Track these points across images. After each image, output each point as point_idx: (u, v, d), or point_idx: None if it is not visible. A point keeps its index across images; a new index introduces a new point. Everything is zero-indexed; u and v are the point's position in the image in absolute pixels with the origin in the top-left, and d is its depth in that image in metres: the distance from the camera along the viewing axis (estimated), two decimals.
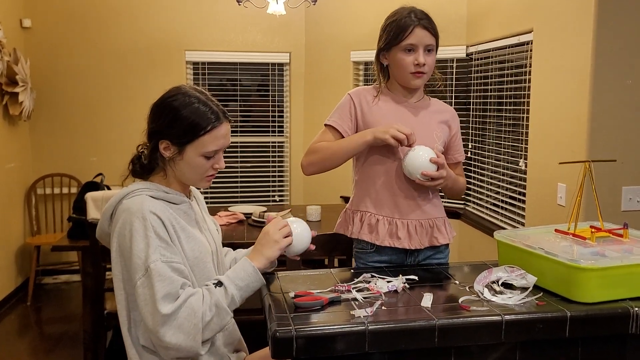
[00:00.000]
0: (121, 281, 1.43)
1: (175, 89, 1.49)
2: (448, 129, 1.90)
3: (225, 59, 4.62)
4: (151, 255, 1.35)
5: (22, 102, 3.99)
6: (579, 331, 1.35)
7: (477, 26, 3.58)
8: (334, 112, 1.87)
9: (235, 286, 1.41)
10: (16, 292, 4.15)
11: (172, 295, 1.34)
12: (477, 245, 3.60)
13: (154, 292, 1.33)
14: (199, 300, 1.36)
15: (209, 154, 1.46)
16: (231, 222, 3.23)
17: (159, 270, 1.34)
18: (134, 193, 1.44)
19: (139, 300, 1.36)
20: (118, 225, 1.40)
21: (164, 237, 1.38)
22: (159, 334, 1.33)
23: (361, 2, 4.18)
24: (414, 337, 1.29)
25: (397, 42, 1.78)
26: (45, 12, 4.33)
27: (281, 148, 4.84)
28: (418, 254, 1.86)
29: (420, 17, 1.78)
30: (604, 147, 2.38)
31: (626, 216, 2.33)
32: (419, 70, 1.79)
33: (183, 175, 1.49)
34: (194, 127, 1.43)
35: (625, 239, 1.58)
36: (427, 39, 1.78)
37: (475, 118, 3.71)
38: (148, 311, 1.34)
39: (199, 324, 1.34)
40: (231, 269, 1.46)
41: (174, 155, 1.46)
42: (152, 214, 1.38)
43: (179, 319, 1.33)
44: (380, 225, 1.81)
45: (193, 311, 1.34)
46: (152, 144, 1.47)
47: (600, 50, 2.34)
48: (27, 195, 4.37)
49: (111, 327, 2.87)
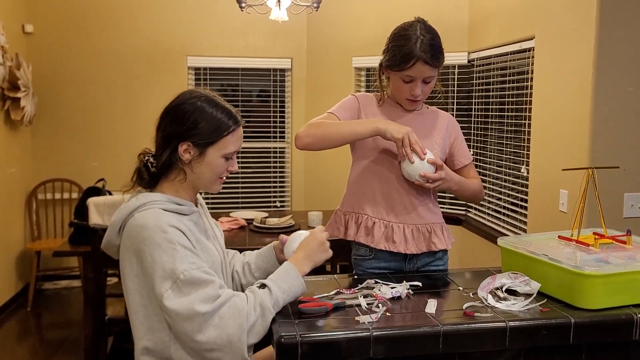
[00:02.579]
0: (139, 297, 1.38)
1: (190, 92, 1.49)
2: (448, 136, 1.90)
3: (227, 65, 4.63)
4: (179, 267, 1.31)
5: (24, 107, 3.99)
6: (582, 337, 1.35)
7: (479, 33, 3.59)
8: (338, 105, 1.87)
9: (280, 288, 1.38)
10: (16, 297, 4.14)
11: (212, 296, 1.31)
12: (478, 252, 3.60)
13: (191, 299, 1.29)
14: (243, 300, 1.33)
15: (229, 154, 1.47)
16: (233, 228, 3.23)
17: (193, 278, 1.31)
18: (145, 206, 1.40)
19: (171, 314, 1.30)
20: (134, 241, 1.37)
21: (189, 246, 1.36)
22: (198, 337, 1.27)
23: (363, 8, 4.20)
24: (419, 344, 1.29)
25: (397, 69, 1.76)
26: (48, 17, 4.34)
27: (282, 154, 4.84)
28: (417, 261, 1.85)
29: (426, 49, 1.71)
30: (606, 154, 2.38)
31: (628, 223, 2.33)
32: (412, 100, 1.81)
33: (201, 178, 1.48)
34: (218, 128, 1.44)
35: (629, 245, 1.58)
36: (427, 72, 1.75)
37: (477, 124, 3.72)
38: (182, 319, 1.29)
39: (244, 324, 1.30)
40: (274, 273, 1.43)
41: (194, 157, 1.45)
42: (171, 227, 1.36)
43: (221, 317, 1.29)
44: (376, 228, 1.81)
45: (237, 310, 1.30)
46: (170, 147, 1.45)
47: (601, 56, 2.34)
48: (28, 200, 4.37)
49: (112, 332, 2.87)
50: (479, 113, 3.69)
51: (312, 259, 1.49)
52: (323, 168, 4.50)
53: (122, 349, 3.19)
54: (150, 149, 1.52)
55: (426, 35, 1.74)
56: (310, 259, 1.49)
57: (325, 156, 3.40)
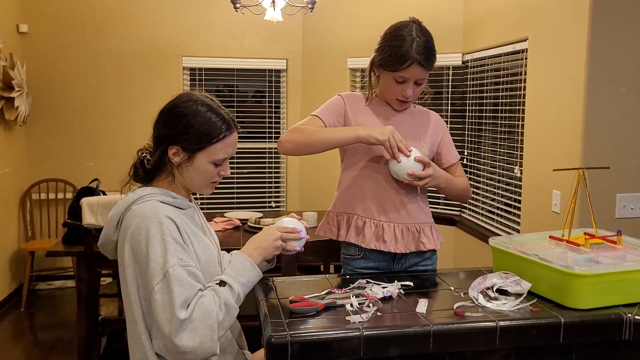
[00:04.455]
0: (136, 288, 1.40)
1: (186, 95, 1.50)
2: (435, 135, 1.90)
3: (222, 65, 4.63)
4: (169, 260, 1.34)
5: (18, 107, 3.98)
6: (573, 337, 1.35)
7: (473, 34, 3.60)
8: (323, 107, 1.88)
9: (239, 283, 1.41)
10: (10, 297, 4.13)
11: (189, 300, 1.33)
12: (472, 252, 3.61)
13: (173, 298, 1.31)
14: (210, 301, 1.35)
15: (218, 161, 1.48)
16: (227, 228, 3.23)
17: (178, 275, 1.33)
18: (143, 199, 1.43)
19: (156, 307, 1.33)
20: (130, 231, 1.39)
21: (180, 241, 1.38)
22: (176, 340, 1.29)
23: (358, 10, 4.20)
24: (409, 343, 1.29)
25: (391, 69, 1.76)
26: (42, 17, 4.33)
27: (278, 154, 4.84)
28: (405, 261, 1.86)
29: (421, 51, 1.71)
30: (598, 155, 2.39)
31: (620, 223, 2.34)
32: (403, 100, 1.81)
33: (190, 181, 1.49)
34: (207, 135, 1.44)
35: (619, 245, 1.59)
36: (420, 74, 1.75)
37: (470, 125, 3.73)
38: (165, 317, 1.31)
39: (214, 324, 1.33)
40: (229, 266, 1.46)
41: (183, 161, 1.46)
42: (167, 218, 1.38)
43: (194, 321, 1.31)
44: (366, 228, 1.82)
45: (207, 312, 1.32)
46: (160, 149, 1.46)
47: (594, 58, 2.36)
48: (22, 200, 4.35)
49: (106, 333, 2.86)
50: (473, 114, 3.70)
51: (263, 255, 1.51)
52: (318, 168, 4.50)
53: (115, 349, 3.19)
54: (151, 145, 1.53)
55: (422, 37, 1.74)
56: (262, 255, 1.51)
57: (320, 157, 3.40)
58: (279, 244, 1.54)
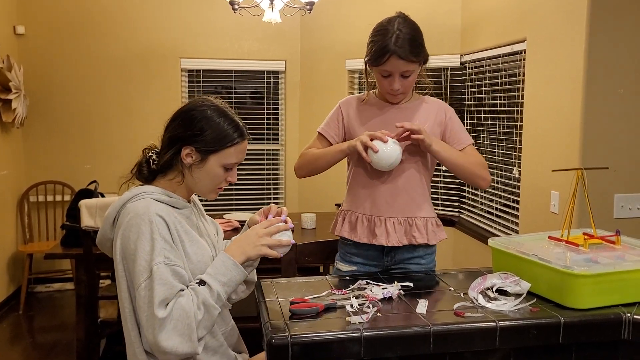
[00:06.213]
0: (126, 284, 1.42)
1: (203, 100, 1.54)
2: (438, 124, 1.90)
3: (221, 67, 4.63)
4: (155, 258, 1.36)
5: (15, 109, 3.98)
6: (572, 337, 1.35)
7: (471, 35, 3.61)
8: (325, 121, 1.98)
9: (219, 282, 1.41)
10: (8, 300, 4.12)
11: (168, 300, 1.35)
12: (471, 253, 3.61)
13: (153, 296, 1.33)
14: (188, 300, 1.36)
15: (229, 165, 1.51)
16: (226, 230, 3.23)
17: (161, 274, 1.35)
18: (137, 197, 1.45)
19: (140, 303, 1.36)
20: (122, 228, 1.41)
21: (168, 239, 1.40)
22: (157, 339, 1.32)
23: (356, 11, 4.21)
24: (409, 344, 1.29)
25: (374, 64, 1.79)
26: (39, 19, 4.33)
27: (276, 156, 4.84)
28: (394, 254, 1.90)
29: (401, 44, 1.72)
30: (596, 155, 2.40)
31: (618, 224, 2.35)
32: (393, 94, 1.84)
33: (198, 183, 1.51)
34: (222, 139, 1.48)
35: (618, 245, 1.59)
36: (402, 66, 1.76)
37: (469, 126, 3.73)
38: (146, 315, 1.34)
39: (192, 324, 1.35)
40: (210, 266, 1.45)
41: (195, 162, 1.48)
42: (158, 216, 1.40)
43: (172, 321, 1.33)
44: (359, 223, 1.89)
45: (185, 312, 1.34)
46: (174, 148, 1.49)
47: (592, 59, 2.36)
48: (20, 202, 4.35)
49: (105, 335, 2.86)
50: (471, 115, 3.70)
51: (247, 254, 1.47)
52: None
53: (115, 351, 3.18)
54: (156, 145, 1.56)
55: (403, 30, 1.76)
56: (245, 254, 1.47)
57: None
58: (264, 241, 1.48)
